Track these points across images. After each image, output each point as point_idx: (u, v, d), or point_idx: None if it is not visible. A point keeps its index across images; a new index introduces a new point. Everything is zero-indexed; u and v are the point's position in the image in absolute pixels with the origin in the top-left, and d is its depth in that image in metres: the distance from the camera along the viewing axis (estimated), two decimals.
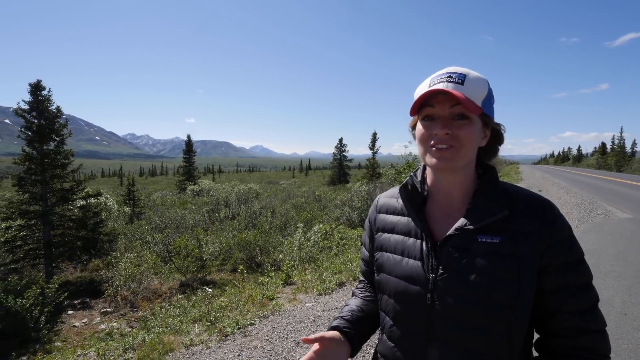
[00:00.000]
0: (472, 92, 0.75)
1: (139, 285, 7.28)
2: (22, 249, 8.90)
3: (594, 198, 11.55)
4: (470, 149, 0.77)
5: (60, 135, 9.86)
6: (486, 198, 0.78)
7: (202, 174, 46.20)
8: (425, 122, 0.79)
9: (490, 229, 0.76)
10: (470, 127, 0.76)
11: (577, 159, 71.44)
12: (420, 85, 0.83)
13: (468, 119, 0.75)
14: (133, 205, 17.50)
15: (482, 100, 0.76)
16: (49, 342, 5.48)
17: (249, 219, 13.57)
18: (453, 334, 0.75)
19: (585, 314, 0.75)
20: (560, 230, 0.76)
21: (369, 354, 3.04)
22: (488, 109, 0.78)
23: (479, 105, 0.75)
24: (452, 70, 0.78)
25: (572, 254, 0.76)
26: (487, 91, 0.78)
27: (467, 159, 0.78)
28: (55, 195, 9.51)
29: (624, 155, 41.96)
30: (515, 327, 0.73)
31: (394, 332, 0.84)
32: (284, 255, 8.16)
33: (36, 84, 9.67)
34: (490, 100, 0.80)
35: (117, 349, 3.62)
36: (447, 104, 0.76)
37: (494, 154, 0.87)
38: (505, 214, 0.75)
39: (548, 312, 0.76)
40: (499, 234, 0.75)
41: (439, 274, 0.76)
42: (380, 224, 0.94)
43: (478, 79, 0.77)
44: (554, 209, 0.77)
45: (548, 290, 0.75)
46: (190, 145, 34.99)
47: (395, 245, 0.87)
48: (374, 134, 31.85)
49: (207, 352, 3.29)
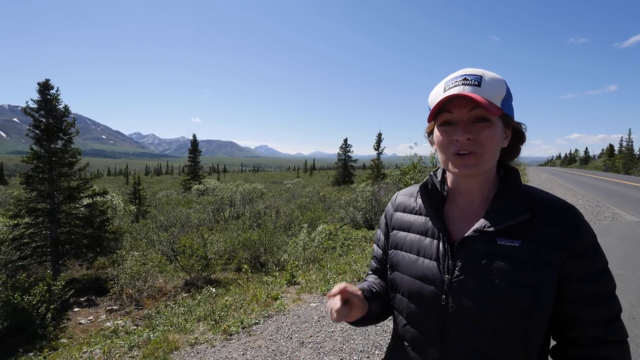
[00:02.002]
0: (490, 93, 0.73)
1: (144, 284, 7.33)
2: (30, 246, 9.00)
3: (601, 200, 11.43)
4: (493, 153, 0.75)
5: (68, 133, 9.96)
6: (507, 200, 0.76)
7: (207, 174, 46.38)
8: (443, 127, 0.77)
9: (511, 233, 0.73)
10: (492, 130, 0.73)
11: (584, 160, 70.78)
12: (434, 90, 0.80)
13: (489, 122, 0.73)
14: (139, 204, 17.60)
15: (501, 101, 0.74)
16: (55, 339, 5.54)
17: (253, 218, 13.61)
18: (467, 337, 0.73)
19: (606, 324, 0.72)
20: (584, 237, 0.73)
21: (381, 351, 3.03)
22: (508, 108, 0.76)
23: (498, 106, 0.73)
24: (467, 73, 0.76)
25: (596, 263, 0.73)
26: (505, 90, 0.75)
27: (490, 163, 0.76)
28: (62, 193, 9.61)
29: (632, 157, 41.44)
30: (532, 333, 0.71)
31: (407, 331, 0.84)
32: (288, 255, 8.18)
33: (44, 83, 9.78)
34: (509, 99, 0.77)
35: (122, 347, 3.65)
36: (465, 107, 0.73)
37: (516, 153, 0.84)
38: (526, 217, 0.73)
39: (568, 320, 0.74)
40: (519, 238, 0.72)
41: (455, 276, 0.75)
42: (397, 222, 0.93)
43: (495, 80, 0.75)
44: (578, 215, 0.74)
45: (569, 299, 0.73)
46: (195, 144, 35.17)
47: (411, 244, 0.86)
48: (378, 134, 31.79)
49: (211, 351, 3.30)
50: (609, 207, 9.99)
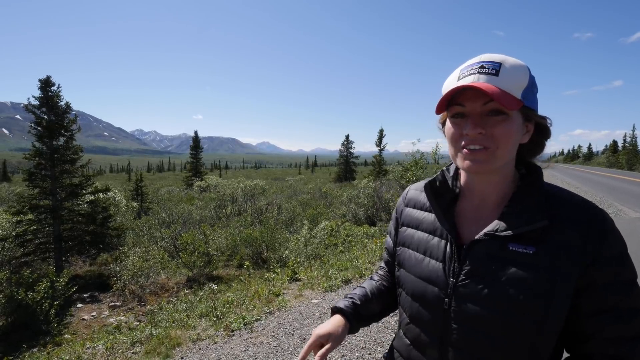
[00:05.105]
0: (509, 83, 0.65)
1: (147, 280, 7.37)
2: (33, 243, 9.06)
3: (605, 197, 11.37)
4: (508, 149, 0.68)
5: (70, 130, 9.97)
6: (525, 203, 0.69)
7: (208, 170, 46.40)
8: (455, 119, 0.71)
9: (525, 238, 0.67)
10: (508, 124, 0.66)
11: (587, 157, 70.35)
12: (449, 77, 0.73)
13: (505, 115, 0.66)
14: (141, 201, 17.67)
15: (523, 91, 0.66)
16: (59, 335, 5.57)
17: (255, 215, 13.63)
18: (468, 342, 0.70)
19: (628, 343, 0.65)
20: (611, 244, 0.65)
21: (384, 346, 3.03)
22: (530, 100, 0.68)
23: (518, 98, 0.65)
24: (485, 59, 0.68)
25: (621, 274, 0.66)
26: (527, 80, 0.67)
27: (504, 160, 0.69)
28: (64, 190, 9.63)
29: (636, 153, 41.20)
30: (540, 346, 0.66)
31: (409, 330, 0.83)
32: (290, 252, 8.18)
33: (46, 80, 9.77)
34: (533, 90, 0.69)
35: (125, 343, 3.66)
36: (478, 100, 0.67)
37: (539, 150, 0.75)
38: (544, 224, 0.66)
39: (584, 334, 0.68)
40: (534, 244, 0.66)
41: (460, 279, 0.71)
42: (406, 218, 0.90)
43: (516, 67, 0.67)
44: (606, 221, 0.67)
45: (587, 311, 0.66)
46: (197, 141, 35.18)
47: (419, 243, 0.82)
48: (380, 130, 31.70)
49: (213, 347, 3.31)
50: (613, 204, 9.93)
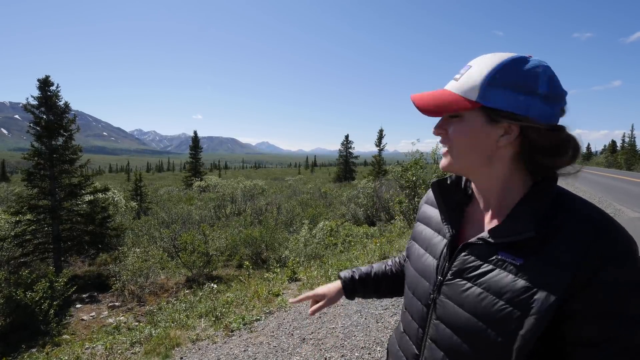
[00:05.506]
0: (465, 86, 0.66)
1: (146, 280, 7.36)
2: (32, 243, 9.05)
3: (603, 197, 11.37)
4: (464, 150, 0.68)
5: (69, 130, 9.97)
6: (524, 211, 0.65)
7: (208, 170, 46.43)
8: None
9: (517, 247, 0.63)
10: (459, 125, 0.67)
11: (585, 157, 70.39)
12: None
13: (458, 117, 0.68)
14: (140, 201, 17.67)
15: (483, 90, 0.63)
16: (58, 335, 5.57)
17: (254, 215, 13.63)
18: (444, 341, 0.71)
19: None
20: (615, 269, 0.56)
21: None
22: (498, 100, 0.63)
23: (471, 100, 0.64)
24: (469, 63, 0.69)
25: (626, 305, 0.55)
26: (488, 77, 0.63)
27: (465, 162, 0.70)
28: (63, 190, 9.63)
29: (635, 153, 41.27)
30: None
31: (404, 318, 0.87)
32: (290, 252, 8.19)
33: (44, 80, 9.77)
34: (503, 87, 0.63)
35: (124, 343, 3.66)
36: None
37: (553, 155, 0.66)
38: (530, 235, 0.61)
39: None
40: (525, 256, 0.62)
41: (447, 278, 0.73)
42: (422, 214, 0.93)
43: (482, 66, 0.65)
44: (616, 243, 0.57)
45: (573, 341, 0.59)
46: (196, 141, 35.18)
47: (424, 239, 0.86)
48: (380, 130, 31.73)
49: (213, 347, 3.31)
50: (612, 203, 9.94)
